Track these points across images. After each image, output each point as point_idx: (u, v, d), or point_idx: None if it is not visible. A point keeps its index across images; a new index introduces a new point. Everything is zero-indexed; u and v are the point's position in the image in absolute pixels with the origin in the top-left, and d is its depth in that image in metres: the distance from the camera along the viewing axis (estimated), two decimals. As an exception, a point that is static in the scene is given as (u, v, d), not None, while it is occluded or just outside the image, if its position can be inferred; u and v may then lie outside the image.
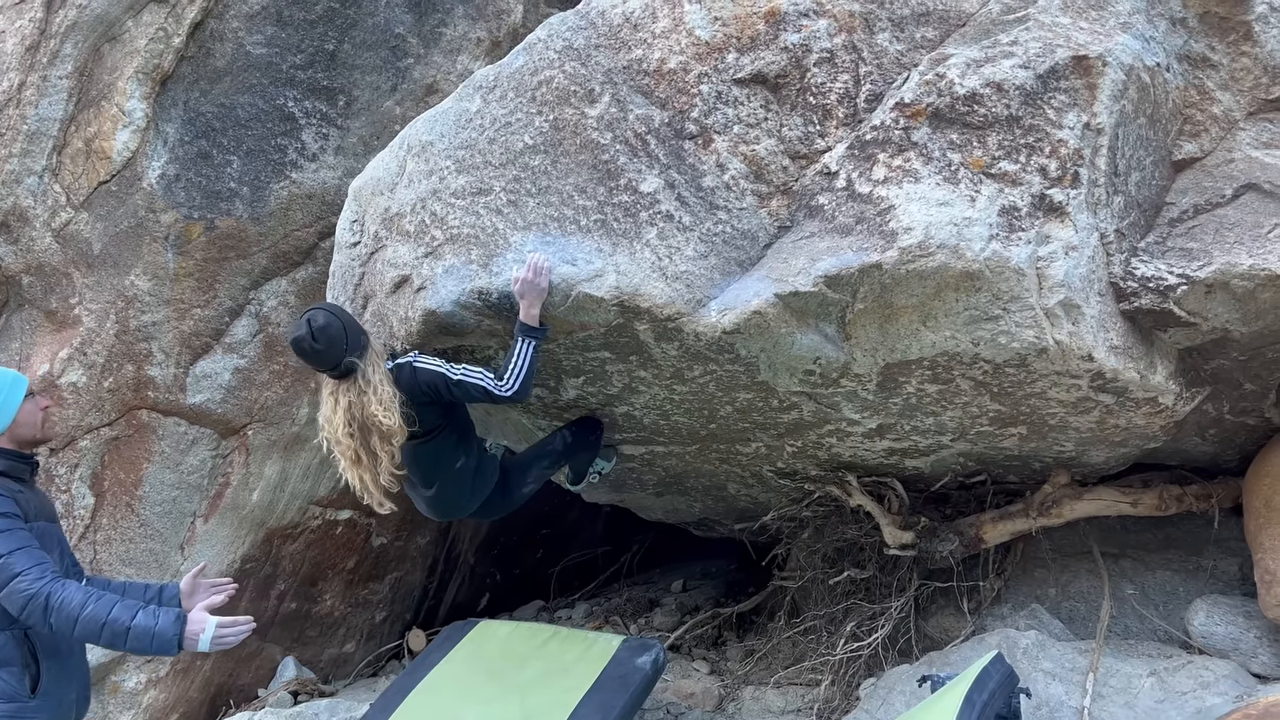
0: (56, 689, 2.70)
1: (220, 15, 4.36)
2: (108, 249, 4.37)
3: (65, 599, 2.49)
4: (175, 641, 2.52)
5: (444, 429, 3.45)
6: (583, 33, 3.41)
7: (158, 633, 2.51)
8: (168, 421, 4.52)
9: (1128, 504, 3.81)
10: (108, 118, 4.31)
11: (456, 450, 3.53)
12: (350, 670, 5.43)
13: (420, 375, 3.31)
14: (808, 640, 4.35)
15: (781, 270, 3.01)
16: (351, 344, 3.22)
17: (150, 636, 2.51)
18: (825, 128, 3.15)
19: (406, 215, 3.54)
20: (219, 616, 2.60)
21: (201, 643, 2.54)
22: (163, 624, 2.52)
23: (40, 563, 2.54)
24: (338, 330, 3.19)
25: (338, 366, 3.22)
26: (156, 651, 2.56)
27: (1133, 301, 2.98)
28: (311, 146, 4.50)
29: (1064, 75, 2.93)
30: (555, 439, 3.87)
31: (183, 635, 2.52)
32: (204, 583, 2.97)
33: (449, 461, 3.52)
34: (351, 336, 3.23)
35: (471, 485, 3.61)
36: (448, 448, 3.50)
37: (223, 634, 2.58)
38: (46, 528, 2.75)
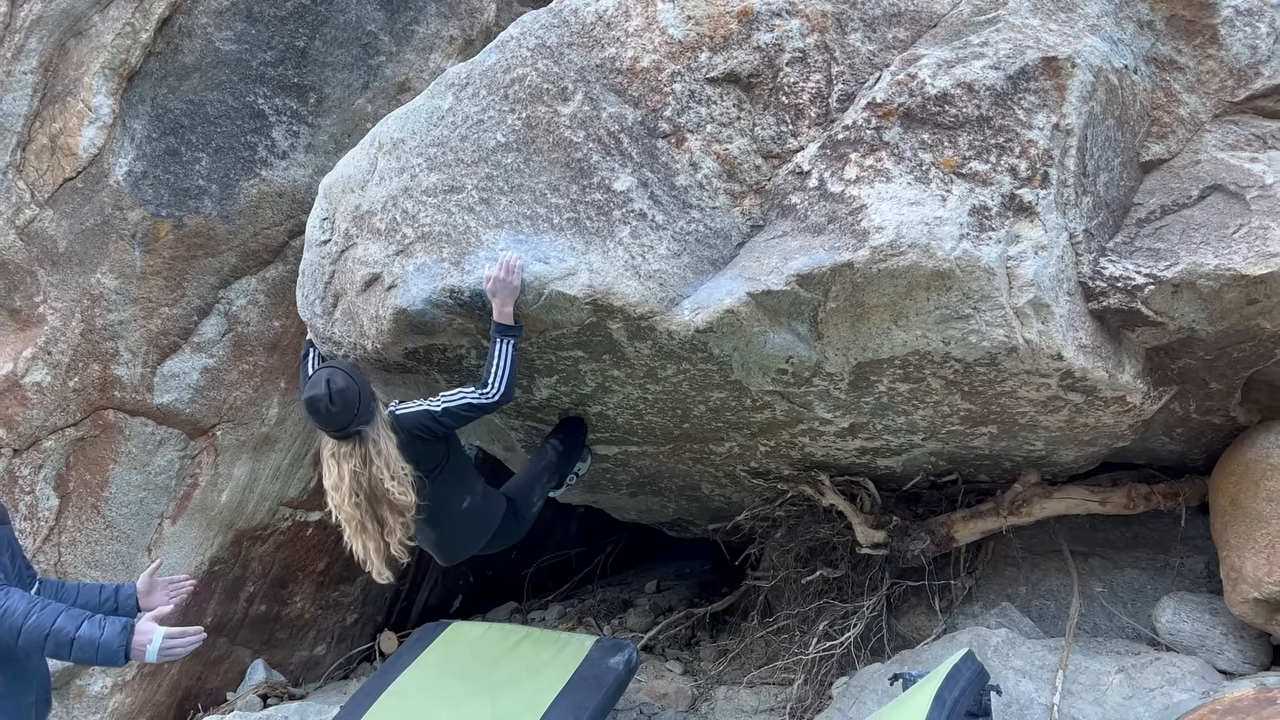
0: (13, 692, 2.65)
1: (189, 11, 4.30)
2: (73, 247, 4.30)
3: (8, 608, 2.44)
4: (121, 652, 2.46)
5: (443, 467, 3.40)
6: (555, 31, 3.39)
7: (103, 643, 2.45)
8: (134, 422, 4.45)
9: (1096, 503, 3.85)
10: (73, 114, 4.24)
11: (460, 489, 3.50)
12: (321, 673, 5.38)
13: (405, 422, 3.27)
14: (780, 640, 4.36)
15: (754, 269, 3.01)
16: (363, 410, 3.16)
17: (95, 647, 2.45)
18: (798, 127, 3.16)
19: (377, 213, 3.51)
20: (167, 627, 2.54)
21: (149, 653, 2.48)
22: (108, 634, 2.46)
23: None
24: (354, 396, 3.13)
25: (345, 429, 3.16)
26: (103, 663, 2.50)
27: (1101, 301, 3.01)
28: (282, 144, 4.45)
29: (1033, 76, 2.95)
30: (547, 452, 3.83)
31: (129, 646, 2.46)
32: (161, 580, 2.92)
33: (455, 502, 3.49)
34: (364, 402, 3.17)
35: (480, 523, 3.60)
36: (451, 487, 3.45)
37: (170, 644, 2.51)
38: None
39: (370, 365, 3.72)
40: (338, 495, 3.22)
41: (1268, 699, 2.72)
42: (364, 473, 3.15)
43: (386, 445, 3.17)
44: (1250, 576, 3.27)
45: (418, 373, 3.76)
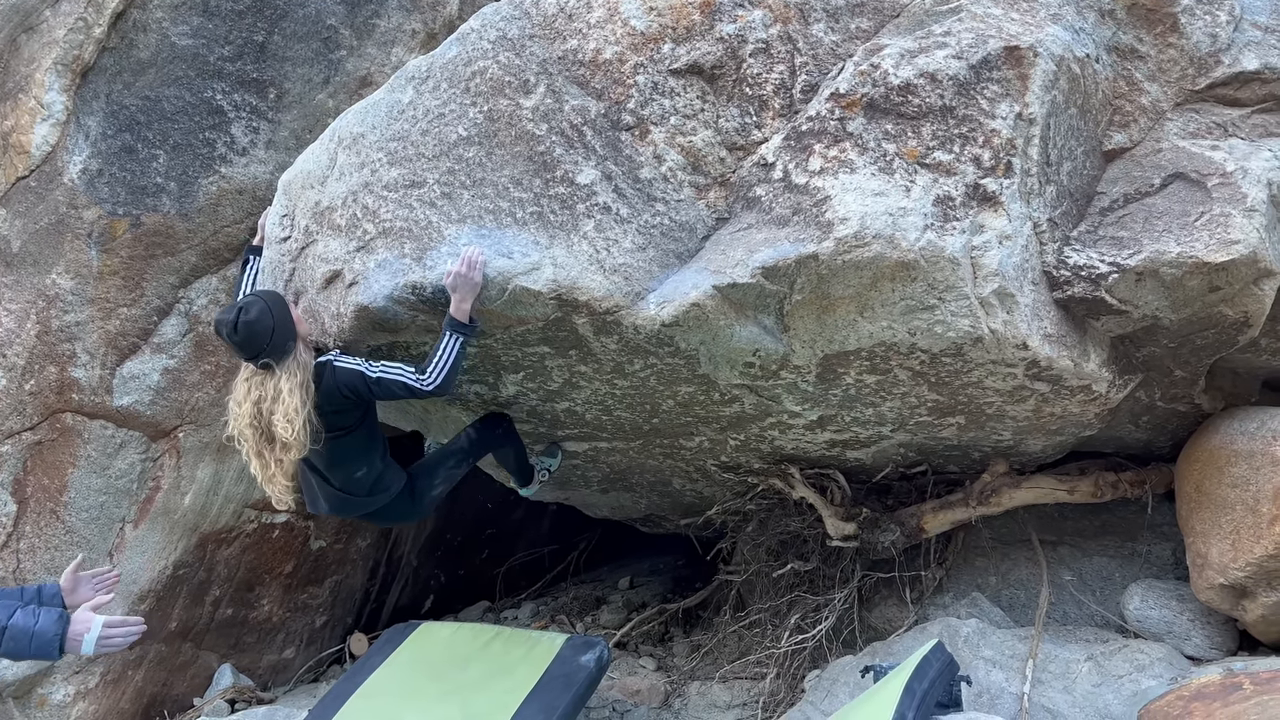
0: None
1: (143, 5, 4.22)
2: (27, 247, 4.21)
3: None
4: (56, 643, 2.34)
5: (351, 432, 3.38)
6: (517, 23, 3.35)
7: (37, 633, 2.33)
8: (93, 424, 4.37)
9: (1064, 492, 3.87)
10: (25, 111, 4.15)
11: (360, 458, 3.46)
12: (290, 676, 5.31)
13: (339, 375, 3.25)
14: (753, 634, 4.35)
15: (720, 262, 2.99)
16: (274, 346, 3.16)
17: (29, 637, 2.33)
18: (762, 119, 3.14)
19: (338, 209, 3.45)
20: (106, 616, 2.43)
21: (85, 644, 2.36)
22: (43, 624, 2.35)
23: None
24: (262, 330, 3.14)
25: (254, 360, 3.18)
26: (36, 655, 2.36)
27: (1066, 290, 3.01)
28: (241, 140, 4.38)
29: (996, 65, 2.95)
30: (460, 438, 3.80)
31: (65, 636, 2.35)
32: (84, 576, 2.70)
33: (350, 468, 3.45)
34: (277, 338, 3.17)
35: (369, 494, 3.53)
36: (352, 453, 3.43)
37: (110, 634, 2.40)
38: None
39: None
40: (238, 414, 3.26)
41: (1233, 684, 2.74)
42: (264, 404, 3.18)
43: (289, 386, 3.15)
44: (1216, 562, 3.29)
45: (381, 371, 3.71)
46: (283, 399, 3.13)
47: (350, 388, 3.25)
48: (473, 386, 3.75)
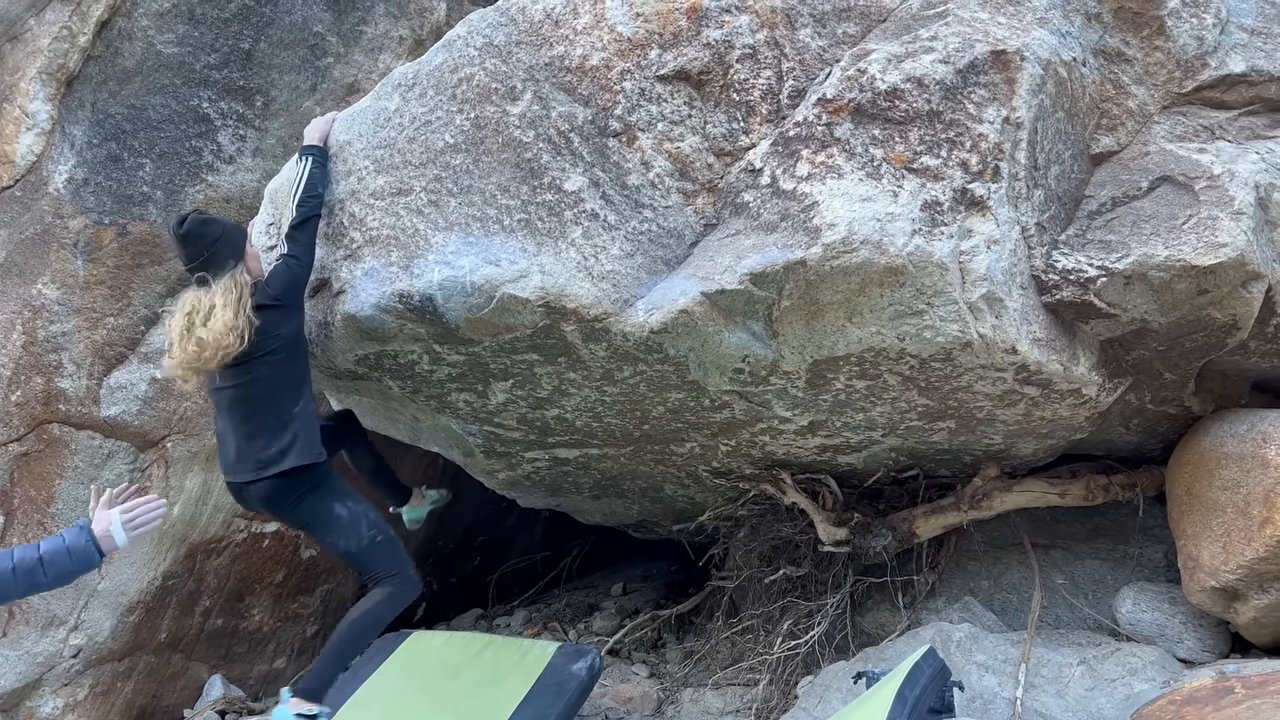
0: None
1: (129, 13, 4.20)
2: (12, 257, 4.19)
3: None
4: (92, 547, 2.40)
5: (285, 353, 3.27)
6: (503, 29, 3.34)
7: (71, 547, 2.39)
8: (81, 435, 4.34)
9: (1056, 495, 3.86)
10: (10, 120, 4.13)
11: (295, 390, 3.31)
12: (281, 687, 5.27)
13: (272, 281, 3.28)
14: (745, 640, 4.33)
15: (708, 268, 2.98)
16: (214, 258, 3.21)
17: (67, 553, 2.39)
18: (749, 124, 3.13)
19: (325, 217, 3.43)
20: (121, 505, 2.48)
21: (117, 537, 2.42)
22: (71, 538, 2.41)
23: None
24: (210, 235, 3.23)
25: (191, 266, 3.23)
26: (80, 566, 2.41)
27: (1054, 294, 3.01)
28: (228, 149, 4.36)
29: (983, 70, 2.94)
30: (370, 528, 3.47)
31: (96, 539, 2.41)
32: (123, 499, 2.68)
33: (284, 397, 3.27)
34: (220, 249, 3.23)
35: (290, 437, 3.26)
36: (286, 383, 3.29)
37: (131, 518, 2.45)
38: None
39: (321, 373, 3.65)
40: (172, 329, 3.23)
41: (1225, 688, 2.73)
42: (195, 316, 3.16)
43: (223, 301, 3.14)
44: (1207, 565, 3.29)
45: (369, 379, 3.70)
46: (215, 313, 3.12)
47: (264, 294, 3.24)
48: (462, 395, 3.73)
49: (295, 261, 3.29)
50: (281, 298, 3.24)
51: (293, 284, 3.29)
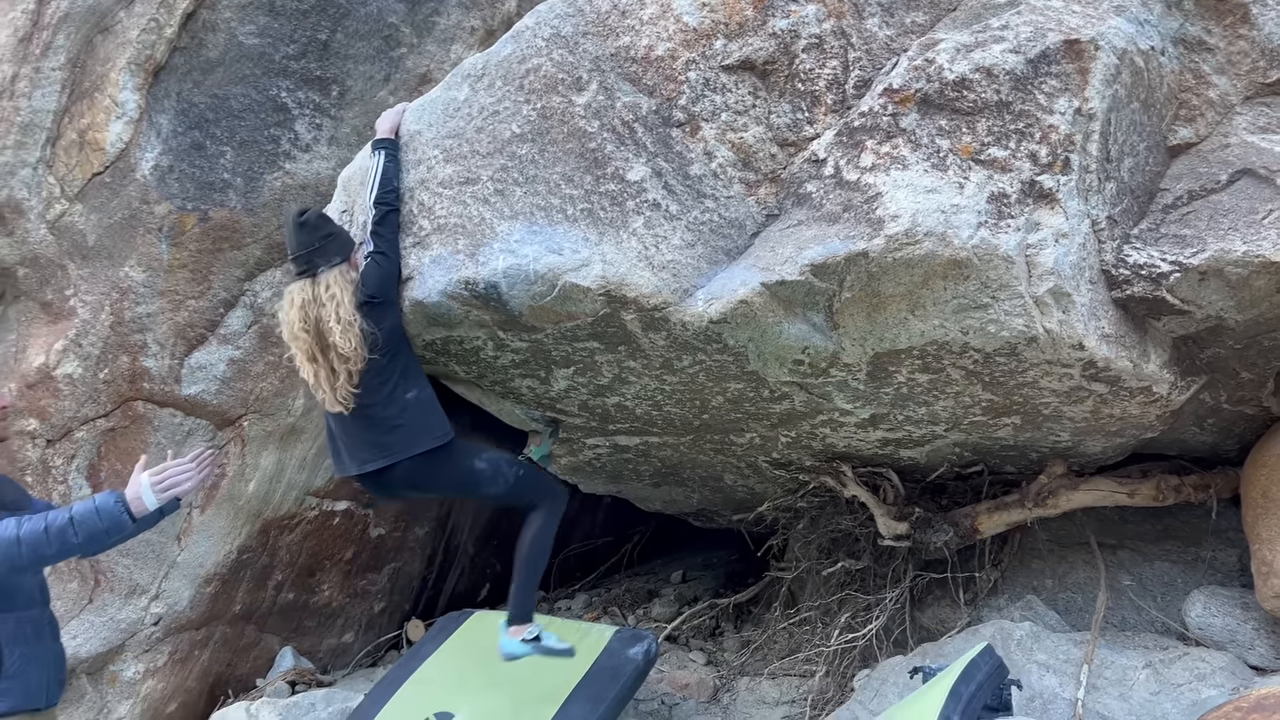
0: (25, 672, 2.70)
1: (212, 5, 4.34)
2: (102, 241, 4.37)
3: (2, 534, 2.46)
4: (121, 508, 2.47)
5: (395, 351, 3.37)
6: (570, 20, 3.37)
7: (99, 509, 2.47)
8: (163, 413, 4.51)
9: (1124, 494, 3.78)
10: (101, 109, 4.30)
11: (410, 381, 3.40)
12: (349, 660, 5.44)
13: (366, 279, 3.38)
14: (803, 631, 4.34)
15: (768, 259, 2.98)
16: (324, 250, 3.32)
17: (95, 515, 2.47)
18: (814, 114, 3.12)
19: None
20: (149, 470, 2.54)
21: (146, 500, 2.49)
22: (101, 501, 2.48)
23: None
24: (326, 230, 3.36)
25: (300, 255, 3.32)
26: (109, 528, 2.48)
27: (1125, 289, 2.94)
28: (305, 137, 4.48)
29: (1055, 60, 2.88)
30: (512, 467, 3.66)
31: (127, 502, 2.48)
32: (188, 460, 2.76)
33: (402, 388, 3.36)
34: (333, 245, 3.35)
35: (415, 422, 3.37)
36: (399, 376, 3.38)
37: (159, 480, 2.52)
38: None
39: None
40: (287, 320, 3.33)
41: (1296, 697, 2.65)
42: (311, 308, 3.26)
43: (341, 291, 3.25)
44: (1282, 571, 3.19)
45: (437, 364, 3.78)
46: (336, 300, 3.23)
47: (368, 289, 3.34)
48: (525, 380, 3.79)
49: (384, 258, 3.37)
50: (377, 295, 3.33)
51: (385, 280, 3.37)
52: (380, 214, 3.39)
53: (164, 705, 4.71)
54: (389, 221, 3.40)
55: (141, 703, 4.64)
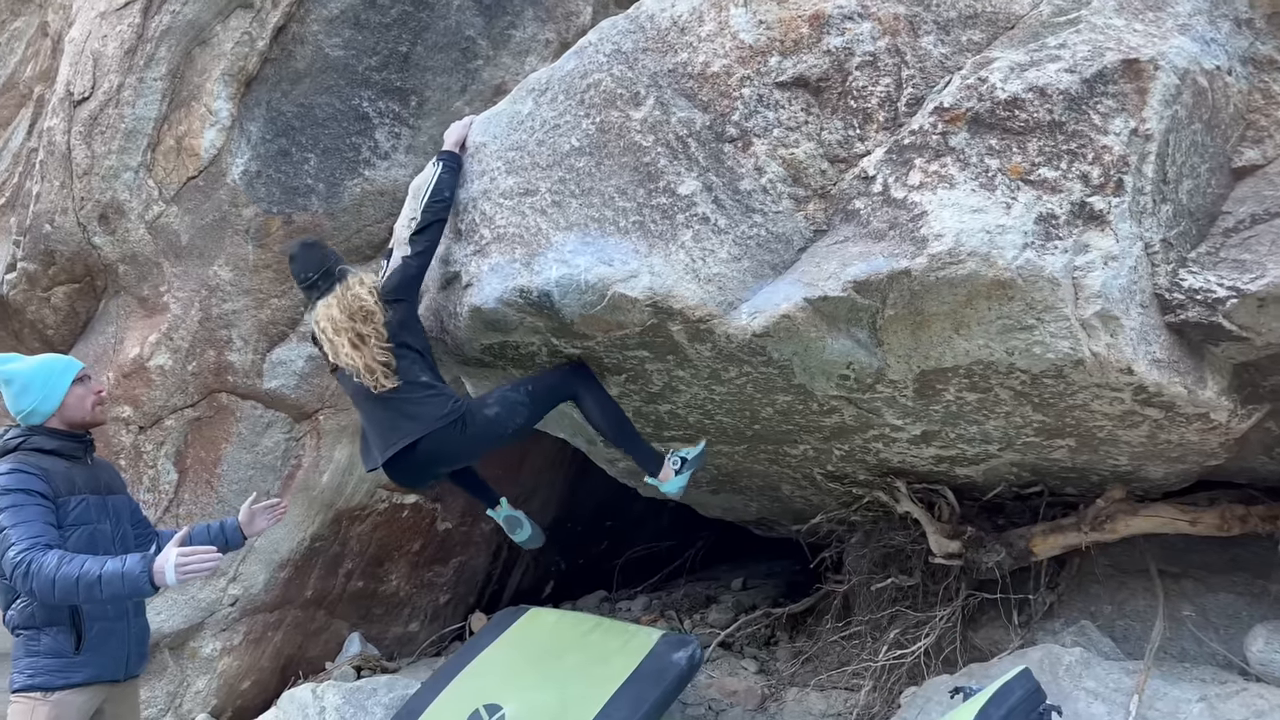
0: (103, 646, 2.91)
1: (302, 19, 4.57)
2: (194, 240, 4.64)
3: (41, 564, 2.63)
4: (145, 578, 2.63)
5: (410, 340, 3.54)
6: (631, 36, 3.46)
7: (125, 574, 2.62)
8: (245, 404, 4.77)
9: (1186, 522, 3.67)
10: (197, 117, 4.57)
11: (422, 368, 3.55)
12: (414, 649, 5.64)
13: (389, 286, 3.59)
14: (852, 645, 4.33)
15: (813, 274, 3.01)
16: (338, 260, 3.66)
17: (120, 579, 2.62)
18: (865, 131, 3.14)
19: (460, 214, 3.66)
20: (180, 550, 2.68)
21: (168, 576, 2.63)
22: (130, 565, 2.64)
23: (32, 535, 2.70)
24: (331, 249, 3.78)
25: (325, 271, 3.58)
26: (131, 592, 2.65)
27: (1179, 314, 2.88)
28: (384, 145, 4.68)
29: (1112, 79, 2.84)
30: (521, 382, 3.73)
31: (151, 572, 2.63)
32: (258, 509, 3.21)
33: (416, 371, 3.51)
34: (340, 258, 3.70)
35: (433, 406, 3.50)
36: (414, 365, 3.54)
37: (183, 563, 2.65)
38: (95, 501, 2.96)
39: (451, 359, 3.89)
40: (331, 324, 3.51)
41: (1345, 740, 2.57)
42: (344, 297, 3.48)
43: (364, 276, 3.55)
44: (1346, 609, 3.07)
45: (495, 367, 3.91)
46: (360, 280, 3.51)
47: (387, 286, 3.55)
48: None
49: (411, 262, 3.55)
50: (393, 293, 3.52)
51: (405, 282, 3.56)
52: (424, 222, 3.55)
53: (239, 682, 4.97)
54: (430, 231, 3.55)
55: (218, 678, 4.90)
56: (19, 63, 5.39)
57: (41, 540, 2.71)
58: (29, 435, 2.95)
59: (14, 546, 2.68)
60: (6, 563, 2.69)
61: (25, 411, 2.96)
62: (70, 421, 3.00)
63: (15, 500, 2.77)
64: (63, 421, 2.98)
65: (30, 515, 2.76)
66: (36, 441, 2.94)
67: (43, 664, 2.85)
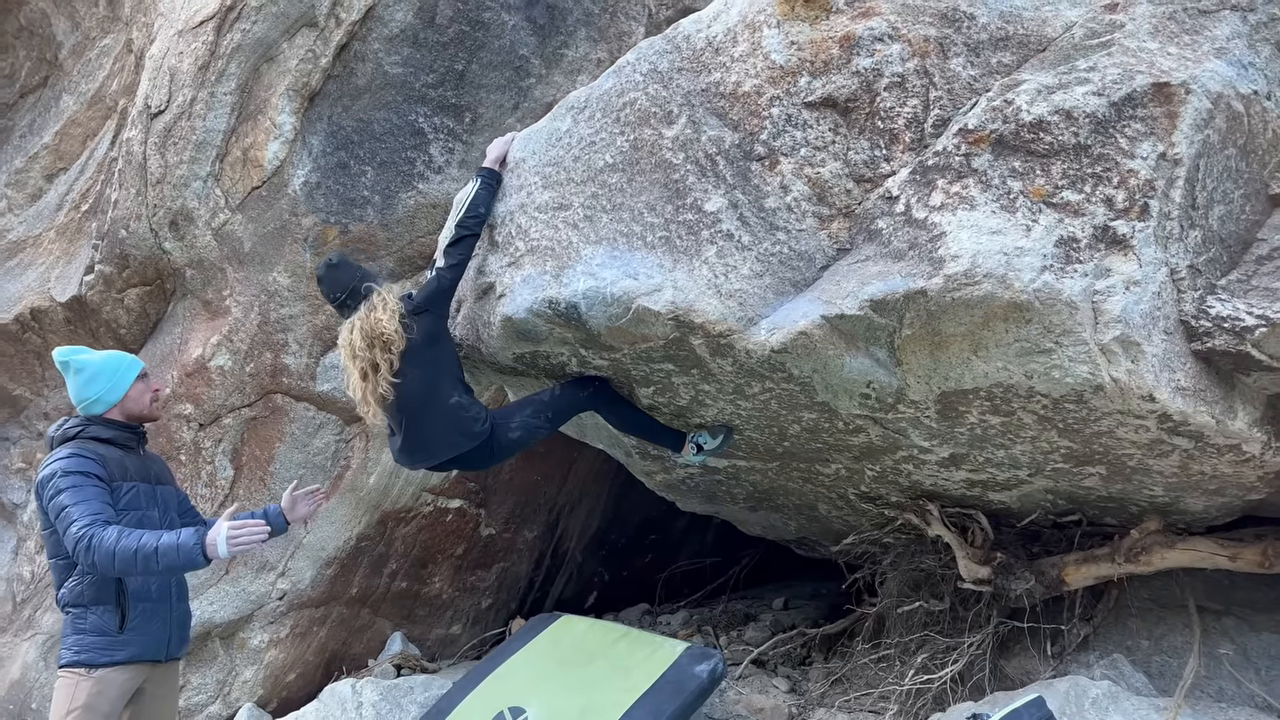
0: (145, 627, 3.07)
1: (364, 38, 4.76)
2: (256, 248, 4.85)
3: (102, 538, 2.79)
4: (198, 550, 2.78)
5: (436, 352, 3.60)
6: (667, 56, 3.53)
7: (180, 545, 2.77)
8: (299, 406, 4.96)
9: (1225, 557, 3.57)
10: (262, 130, 4.79)
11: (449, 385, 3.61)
12: (455, 651, 5.76)
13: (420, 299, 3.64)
14: (881, 667, 4.29)
15: (832, 292, 3.03)
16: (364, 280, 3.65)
17: (175, 551, 2.77)
18: (891, 152, 3.15)
19: (497, 226, 3.78)
20: (231, 523, 2.83)
21: (220, 548, 2.78)
22: (184, 538, 2.79)
23: (93, 512, 2.87)
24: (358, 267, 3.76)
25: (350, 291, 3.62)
26: (185, 564, 2.79)
27: (1205, 342, 2.82)
28: (438, 160, 4.83)
29: (1141, 103, 2.81)
30: (544, 391, 3.88)
31: (204, 544, 2.78)
32: (299, 495, 3.31)
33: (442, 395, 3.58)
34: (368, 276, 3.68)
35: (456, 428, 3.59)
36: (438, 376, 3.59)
37: (235, 534, 2.80)
38: (145, 489, 3.13)
39: (486, 366, 3.99)
40: (348, 348, 3.58)
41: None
42: (367, 320, 3.53)
43: (388, 296, 3.58)
44: (1384, 653, 2.96)
45: (527, 375, 4.01)
46: (384, 300, 3.54)
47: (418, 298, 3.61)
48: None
49: (443, 274, 3.63)
50: (423, 305, 3.60)
51: (435, 295, 3.63)
52: (457, 235, 3.64)
53: (284, 674, 5.15)
54: (463, 245, 3.65)
55: (265, 669, 5.08)
56: (106, 77, 5.71)
57: (100, 517, 2.88)
58: (87, 425, 3.14)
59: (76, 523, 2.85)
60: (69, 538, 2.85)
61: (90, 400, 3.15)
62: (129, 414, 3.20)
63: (76, 481, 2.95)
64: (122, 413, 3.18)
65: (89, 495, 2.93)
66: (94, 431, 3.13)
67: (89, 641, 3.01)
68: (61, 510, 2.90)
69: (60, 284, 5.43)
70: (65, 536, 2.87)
